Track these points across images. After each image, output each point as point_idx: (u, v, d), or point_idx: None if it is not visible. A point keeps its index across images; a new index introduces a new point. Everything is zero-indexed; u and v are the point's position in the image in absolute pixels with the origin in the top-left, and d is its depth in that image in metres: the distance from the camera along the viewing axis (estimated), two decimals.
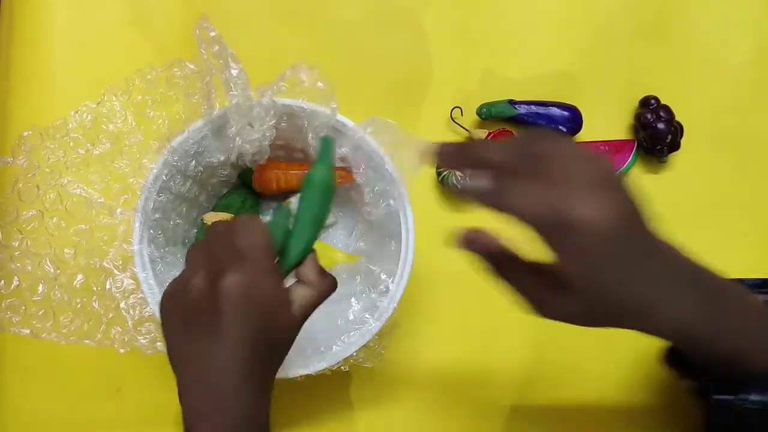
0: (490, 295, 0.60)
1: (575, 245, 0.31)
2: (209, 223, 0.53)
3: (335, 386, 0.57)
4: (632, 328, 0.36)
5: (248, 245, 0.37)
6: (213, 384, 0.37)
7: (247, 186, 0.57)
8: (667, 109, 0.60)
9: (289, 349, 0.40)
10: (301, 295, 0.40)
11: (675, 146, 0.60)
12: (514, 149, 0.33)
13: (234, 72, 0.41)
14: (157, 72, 0.42)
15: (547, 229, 0.32)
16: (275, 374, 0.41)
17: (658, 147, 0.60)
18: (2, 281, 0.43)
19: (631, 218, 0.32)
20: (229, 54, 0.41)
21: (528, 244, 0.34)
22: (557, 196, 0.31)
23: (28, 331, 0.43)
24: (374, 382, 0.59)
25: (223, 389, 0.37)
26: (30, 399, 0.57)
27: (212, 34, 0.40)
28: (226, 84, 0.41)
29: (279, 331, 0.39)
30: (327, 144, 0.43)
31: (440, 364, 0.60)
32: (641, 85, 0.62)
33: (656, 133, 0.59)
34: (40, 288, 0.44)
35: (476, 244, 0.37)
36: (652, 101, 0.61)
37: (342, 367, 0.49)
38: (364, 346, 0.48)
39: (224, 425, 0.37)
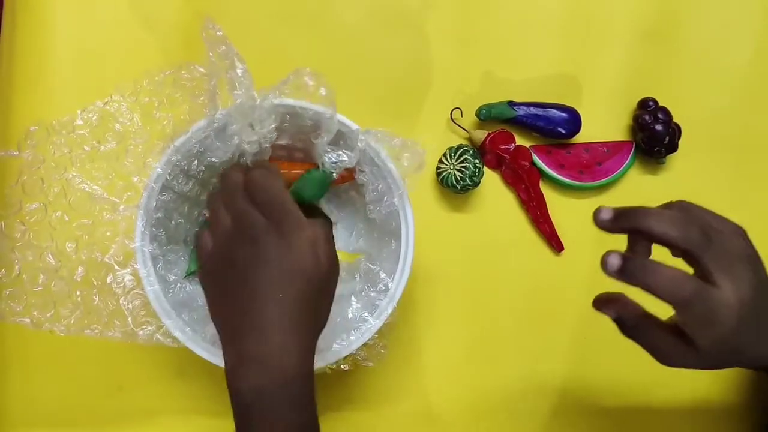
0: (490, 294, 0.61)
1: (711, 320, 0.34)
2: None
3: (336, 385, 0.58)
4: (746, 368, 0.41)
5: (274, 202, 0.40)
6: (263, 348, 0.39)
7: None
8: (665, 111, 0.60)
9: (333, 297, 0.43)
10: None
11: (673, 148, 0.61)
12: (676, 224, 0.36)
13: (239, 71, 0.41)
14: (165, 74, 0.42)
15: (685, 306, 0.34)
16: (324, 324, 0.43)
17: (656, 148, 0.60)
18: (3, 270, 0.43)
19: (762, 286, 0.35)
20: (235, 54, 0.41)
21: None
22: (700, 280, 0.34)
23: (28, 321, 0.44)
24: (375, 381, 0.59)
25: (272, 349, 0.38)
26: (31, 396, 0.58)
27: (218, 34, 0.40)
28: (230, 84, 0.41)
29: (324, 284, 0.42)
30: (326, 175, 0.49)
31: (440, 363, 0.60)
32: (639, 86, 0.63)
33: (654, 134, 0.60)
34: (41, 278, 0.45)
35: (613, 306, 0.39)
36: (651, 103, 0.61)
37: (342, 366, 0.49)
38: (365, 345, 0.49)
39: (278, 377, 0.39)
